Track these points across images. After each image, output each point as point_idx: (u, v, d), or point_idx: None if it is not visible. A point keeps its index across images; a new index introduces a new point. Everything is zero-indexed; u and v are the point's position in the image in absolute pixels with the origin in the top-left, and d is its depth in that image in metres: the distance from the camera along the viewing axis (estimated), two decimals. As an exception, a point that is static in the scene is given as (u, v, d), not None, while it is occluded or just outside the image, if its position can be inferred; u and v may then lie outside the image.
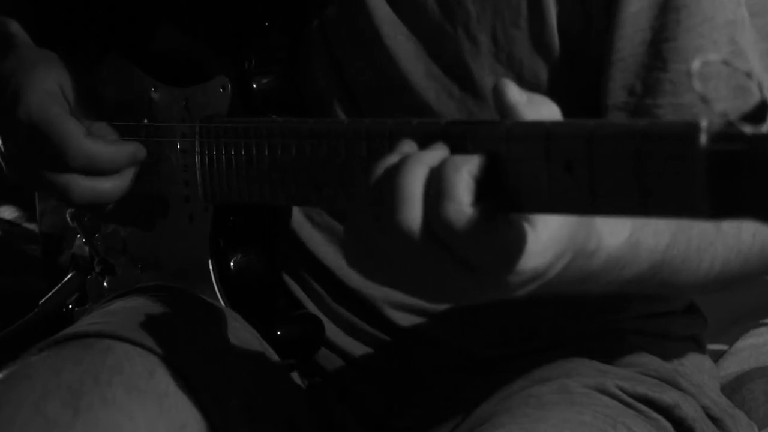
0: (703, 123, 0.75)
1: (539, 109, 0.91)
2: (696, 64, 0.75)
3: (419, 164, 0.91)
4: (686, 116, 1.17)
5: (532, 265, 0.91)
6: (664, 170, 0.77)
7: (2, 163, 1.41)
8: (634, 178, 0.79)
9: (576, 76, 1.25)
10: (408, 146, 0.95)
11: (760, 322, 1.90)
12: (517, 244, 0.90)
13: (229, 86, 1.31)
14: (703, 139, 0.75)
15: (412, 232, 0.90)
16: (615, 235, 1.00)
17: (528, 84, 1.24)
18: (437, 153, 0.92)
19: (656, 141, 0.78)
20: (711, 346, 1.57)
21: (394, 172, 0.91)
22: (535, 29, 1.24)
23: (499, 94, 0.92)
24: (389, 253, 0.93)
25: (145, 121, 1.39)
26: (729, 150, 0.73)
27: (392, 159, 0.93)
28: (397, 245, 0.91)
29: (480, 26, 1.25)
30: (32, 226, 2.04)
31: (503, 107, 0.92)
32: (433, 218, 0.89)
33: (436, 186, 0.89)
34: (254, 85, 1.31)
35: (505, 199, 0.89)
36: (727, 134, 0.74)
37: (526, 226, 0.90)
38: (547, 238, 0.91)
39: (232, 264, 1.34)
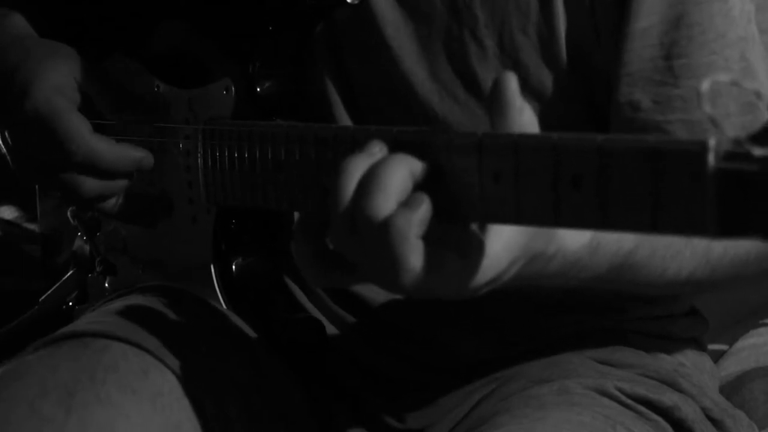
0: (711, 142, 0.74)
1: (523, 119, 0.91)
2: (705, 85, 0.75)
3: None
4: (698, 133, 1.17)
5: (487, 278, 0.94)
6: (671, 188, 0.77)
7: (9, 159, 1.39)
8: (642, 195, 0.78)
9: (581, 86, 1.25)
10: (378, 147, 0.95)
11: (760, 322, 1.90)
12: (473, 262, 0.92)
13: (233, 89, 1.30)
14: (711, 158, 0.74)
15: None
16: (576, 238, 1.00)
17: (533, 90, 1.24)
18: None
19: (664, 158, 0.77)
20: (711, 346, 1.57)
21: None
22: (543, 37, 1.24)
23: (501, 87, 0.91)
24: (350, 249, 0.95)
25: None
26: (737, 169, 0.73)
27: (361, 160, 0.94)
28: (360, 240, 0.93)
29: (487, 31, 1.25)
30: (32, 226, 2.04)
31: (499, 100, 0.91)
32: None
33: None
34: (258, 89, 1.30)
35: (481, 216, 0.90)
36: (735, 154, 0.73)
37: (483, 240, 0.92)
38: (501, 248, 0.93)
39: (234, 267, 1.34)
